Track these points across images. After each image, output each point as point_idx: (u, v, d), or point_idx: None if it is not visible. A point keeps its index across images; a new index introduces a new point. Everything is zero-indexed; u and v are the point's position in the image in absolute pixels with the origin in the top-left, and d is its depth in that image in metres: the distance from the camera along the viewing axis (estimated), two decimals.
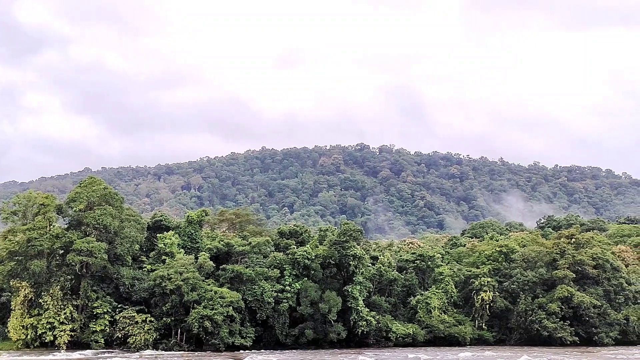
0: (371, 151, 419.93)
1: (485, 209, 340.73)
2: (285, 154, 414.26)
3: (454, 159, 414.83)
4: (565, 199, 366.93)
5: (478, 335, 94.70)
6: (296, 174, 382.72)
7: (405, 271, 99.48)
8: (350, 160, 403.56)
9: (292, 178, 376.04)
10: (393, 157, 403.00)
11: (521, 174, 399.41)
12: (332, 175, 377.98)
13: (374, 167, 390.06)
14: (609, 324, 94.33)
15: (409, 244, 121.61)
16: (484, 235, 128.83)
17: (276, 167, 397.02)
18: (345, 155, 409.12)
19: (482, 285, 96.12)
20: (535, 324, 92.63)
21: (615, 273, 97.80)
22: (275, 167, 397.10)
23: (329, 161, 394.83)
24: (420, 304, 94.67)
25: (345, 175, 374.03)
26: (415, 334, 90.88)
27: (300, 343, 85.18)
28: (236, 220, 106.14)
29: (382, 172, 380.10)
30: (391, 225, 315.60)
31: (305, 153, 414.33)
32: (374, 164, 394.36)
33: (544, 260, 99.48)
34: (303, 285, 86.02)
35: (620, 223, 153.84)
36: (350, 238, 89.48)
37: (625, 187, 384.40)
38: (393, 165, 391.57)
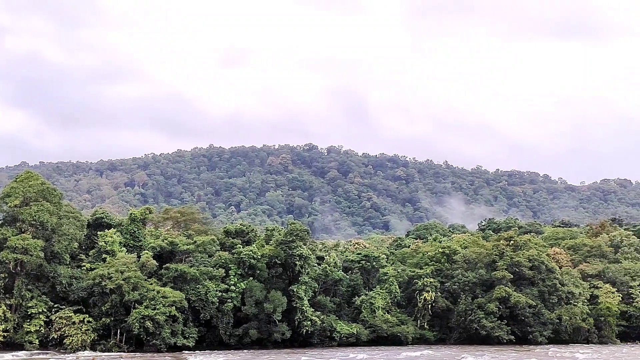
0: (319, 152, 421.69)
1: (430, 211, 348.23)
2: (233, 152, 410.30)
3: (401, 161, 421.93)
4: (505, 202, 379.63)
5: (420, 335, 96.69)
6: (244, 173, 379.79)
7: (350, 271, 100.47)
8: (298, 160, 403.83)
9: (239, 177, 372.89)
10: (341, 158, 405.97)
11: (464, 177, 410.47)
12: (280, 174, 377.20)
13: (322, 168, 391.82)
14: (542, 323, 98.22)
15: (354, 244, 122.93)
16: (428, 237, 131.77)
17: (223, 166, 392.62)
18: (293, 155, 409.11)
19: (424, 285, 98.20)
20: (474, 323, 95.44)
21: (550, 274, 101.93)
22: (223, 166, 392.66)
23: (277, 161, 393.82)
24: (364, 303, 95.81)
25: (293, 175, 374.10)
26: (359, 333, 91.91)
27: (244, 343, 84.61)
28: (181, 218, 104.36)
29: (330, 172, 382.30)
30: (338, 225, 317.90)
31: (253, 152, 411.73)
32: (322, 165, 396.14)
33: (484, 261, 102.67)
34: (248, 285, 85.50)
35: (555, 226, 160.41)
36: (297, 238, 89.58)
37: (560, 192, 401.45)
38: (341, 166, 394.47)
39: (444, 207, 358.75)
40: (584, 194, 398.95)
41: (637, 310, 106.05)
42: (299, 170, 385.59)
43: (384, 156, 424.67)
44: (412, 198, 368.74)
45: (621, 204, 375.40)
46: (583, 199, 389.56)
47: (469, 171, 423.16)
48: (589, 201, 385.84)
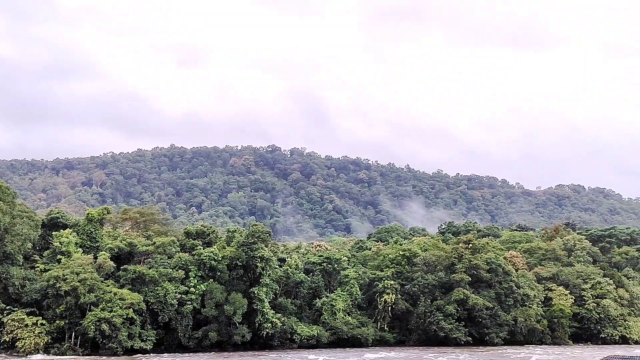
0: (282, 153, 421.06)
1: (391, 214, 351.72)
2: (194, 152, 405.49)
3: (363, 164, 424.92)
4: (464, 206, 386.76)
5: (380, 337, 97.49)
6: (206, 174, 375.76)
7: (312, 273, 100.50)
8: (261, 162, 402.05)
9: (201, 177, 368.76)
10: (304, 160, 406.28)
11: (425, 181, 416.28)
12: (242, 176, 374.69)
13: (284, 170, 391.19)
14: (499, 324, 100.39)
15: (316, 246, 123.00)
16: (389, 240, 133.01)
17: (185, 166, 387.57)
18: (256, 156, 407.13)
19: (385, 287, 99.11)
20: (433, 325, 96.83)
21: (506, 277, 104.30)
22: (184, 166, 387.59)
23: (240, 162, 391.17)
24: (325, 306, 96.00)
25: (256, 177, 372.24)
26: (320, 335, 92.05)
27: (203, 346, 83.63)
28: (141, 219, 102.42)
29: (292, 174, 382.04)
30: (300, 227, 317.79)
31: (215, 152, 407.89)
32: (284, 166, 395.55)
33: (443, 264, 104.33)
34: (208, 287, 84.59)
35: (512, 230, 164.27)
36: (259, 240, 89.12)
37: (517, 196, 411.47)
38: (304, 168, 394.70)
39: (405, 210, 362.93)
40: (540, 198, 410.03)
41: (588, 312, 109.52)
42: (262, 172, 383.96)
43: (346, 159, 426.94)
44: (374, 201, 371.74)
45: (575, 208, 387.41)
46: (539, 204, 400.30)
47: (429, 175, 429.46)
48: (544, 206, 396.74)
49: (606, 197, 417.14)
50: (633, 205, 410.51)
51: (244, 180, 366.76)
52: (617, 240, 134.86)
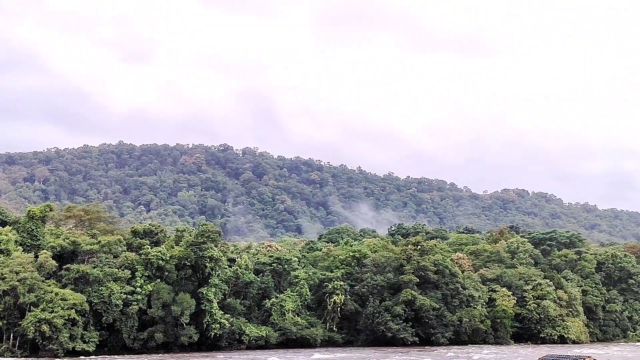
0: (234, 153, 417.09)
1: (342, 215, 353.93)
2: (144, 150, 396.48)
3: (315, 165, 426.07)
4: (414, 208, 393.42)
5: (328, 337, 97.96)
6: (155, 172, 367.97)
7: (262, 274, 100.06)
8: (212, 161, 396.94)
9: (150, 175, 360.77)
10: (256, 160, 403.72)
11: (376, 183, 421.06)
12: (193, 174, 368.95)
13: (236, 169, 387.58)
14: (445, 325, 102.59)
15: (267, 247, 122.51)
16: (340, 241, 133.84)
17: (134, 163, 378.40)
18: (207, 155, 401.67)
19: (334, 288, 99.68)
20: (381, 325, 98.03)
21: (453, 278, 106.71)
22: (133, 163, 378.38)
23: (191, 160, 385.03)
24: (274, 306, 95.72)
25: (207, 176, 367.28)
26: (269, 336, 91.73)
27: (148, 347, 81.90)
28: (85, 217, 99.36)
29: (244, 174, 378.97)
30: (251, 227, 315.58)
31: (165, 150, 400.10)
32: (236, 166, 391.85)
33: (392, 265, 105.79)
34: (155, 287, 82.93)
35: (460, 232, 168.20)
36: (208, 239, 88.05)
37: (465, 199, 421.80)
38: (256, 168, 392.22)
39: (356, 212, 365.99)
40: (486, 202, 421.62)
41: (529, 312, 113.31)
42: (213, 171, 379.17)
43: (299, 159, 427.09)
44: (325, 202, 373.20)
45: (519, 212, 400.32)
46: (485, 207, 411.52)
47: (381, 177, 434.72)
48: (490, 209, 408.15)
49: (548, 202, 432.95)
50: (572, 210, 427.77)
51: (194, 179, 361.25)
52: (557, 244, 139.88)
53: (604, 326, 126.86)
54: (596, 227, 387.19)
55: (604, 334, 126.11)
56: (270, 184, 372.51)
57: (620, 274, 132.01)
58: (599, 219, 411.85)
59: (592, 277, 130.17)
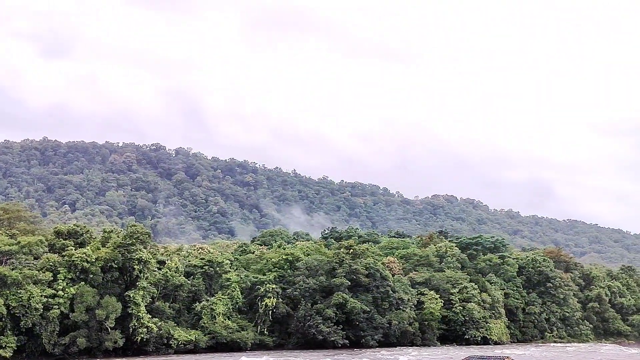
0: (167, 152, 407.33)
1: (276, 218, 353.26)
2: (70, 147, 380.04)
3: (250, 167, 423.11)
4: (347, 212, 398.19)
5: (259, 341, 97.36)
6: (82, 170, 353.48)
7: (192, 277, 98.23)
8: (143, 160, 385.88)
9: (76, 174, 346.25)
10: (189, 161, 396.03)
11: (311, 186, 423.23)
12: (122, 174, 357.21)
13: (168, 169, 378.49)
14: (374, 327, 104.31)
15: (198, 249, 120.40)
16: (273, 244, 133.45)
17: (59, 161, 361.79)
18: (138, 154, 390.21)
19: (266, 291, 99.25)
20: (312, 328, 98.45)
21: (383, 281, 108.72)
22: (58, 161, 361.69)
23: (121, 159, 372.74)
24: (205, 309, 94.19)
25: (137, 175, 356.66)
26: (198, 340, 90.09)
27: (70, 352, 78.54)
28: (4, 216, 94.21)
29: (177, 174, 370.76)
30: (182, 229, 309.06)
31: (94, 148, 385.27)
32: (169, 166, 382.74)
33: (324, 268, 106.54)
34: (79, 290, 79.64)
35: (391, 237, 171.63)
36: (137, 241, 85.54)
37: (397, 204, 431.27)
38: (189, 168, 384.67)
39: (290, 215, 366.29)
40: (417, 207, 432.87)
41: (455, 315, 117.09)
42: (144, 171, 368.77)
43: (233, 161, 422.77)
44: (259, 204, 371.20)
45: (448, 217, 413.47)
46: (416, 212, 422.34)
47: (315, 181, 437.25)
48: (421, 214, 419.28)
49: (475, 208, 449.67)
50: (497, 216, 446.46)
51: (124, 178, 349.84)
52: (482, 248, 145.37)
53: (523, 327, 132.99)
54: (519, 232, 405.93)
55: (524, 334, 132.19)
56: (203, 185, 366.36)
57: (540, 278, 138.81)
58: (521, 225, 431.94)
59: (514, 280, 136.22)
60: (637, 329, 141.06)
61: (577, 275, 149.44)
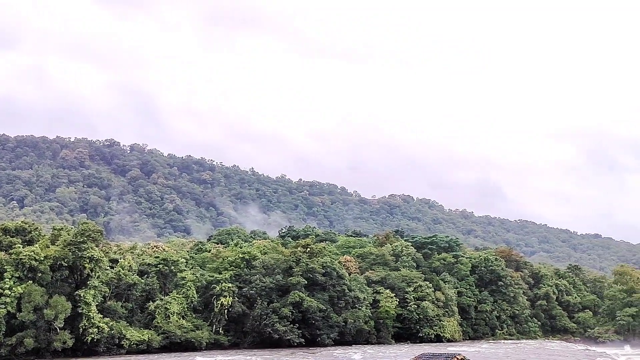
0: (121, 149, 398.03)
1: (233, 217, 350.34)
2: (19, 141, 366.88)
3: (207, 165, 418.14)
4: (305, 211, 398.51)
5: (214, 340, 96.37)
6: (31, 165, 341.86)
7: (146, 275, 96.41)
8: (97, 156, 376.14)
9: (25, 169, 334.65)
10: (144, 157, 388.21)
11: (269, 185, 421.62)
12: (74, 170, 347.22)
13: (123, 166, 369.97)
14: (330, 326, 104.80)
15: (153, 247, 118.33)
16: (229, 242, 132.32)
17: (6, 156, 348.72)
18: (92, 150, 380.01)
19: (222, 290, 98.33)
20: (268, 327, 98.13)
21: (340, 280, 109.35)
22: (6, 155, 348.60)
23: (73, 155, 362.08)
24: (159, 309, 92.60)
25: (90, 171, 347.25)
26: (151, 340, 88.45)
27: (17, 354, 75.87)
28: None
29: (131, 171, 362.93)
30: (137, 227, 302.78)
31: (44, 143, 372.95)
32: (123, 162, 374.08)
33: (281, 267, 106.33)
34: (26, 289, 76.98)
35: (348, 236, 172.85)
36: (89, 239, 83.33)
37: (354, 203, 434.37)
38: (144, 165, 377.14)
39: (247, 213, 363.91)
40: (374, 207, 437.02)
41: (410, 313, 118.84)
42: (97, 167, 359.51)
43: (190, 158, 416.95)
44: (216, 203, 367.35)
45: (404, 217, 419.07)
46: (373, 212, 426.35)
47: (273, 179, 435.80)
48: (378, 213, 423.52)
49: (430, 208, 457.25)
50: (452, 216, 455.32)
51: (76, 174, 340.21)
52: (437, 248, 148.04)
53: (475, 325, 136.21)
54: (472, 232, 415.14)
55: (475, 332, 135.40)
56: (159, 182, 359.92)
57: (491, 277, 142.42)
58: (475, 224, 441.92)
59: (467, 279, 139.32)
60: (582, 326, 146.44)
61: (527, 274, 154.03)
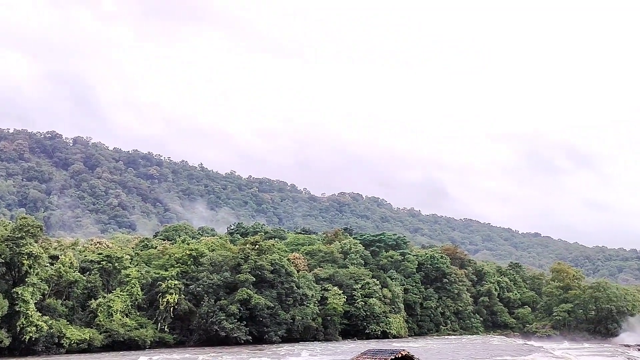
0: (63, 141, 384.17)
1: (181, 213, 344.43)
2: None
3: (155, 159, 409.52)
4: (254, 208, 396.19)
5: (159, 338, 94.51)
6: None
7: (89, 272, 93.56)
8: (37, 149, 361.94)
9: None
10: (88, 151, 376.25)
11: (218, 181, 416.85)
12: (13, 162, 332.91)
13: (65, 159, 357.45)
14: (278, 323, 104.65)
15: (96, 243, 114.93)
16: (177, 239, 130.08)
17: None
18: (32, 142, 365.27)
19: (168, 287, 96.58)
20: (215, 325, 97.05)
21: (288, 277, 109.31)
22: None
23: (11, 147, 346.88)
24: (101, 307, 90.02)
25: (30, 164, 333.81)
26: (93, 339, 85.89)
27: None
28: None
29: (74, 165, 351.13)
30: (79, 222, 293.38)
31: None
32: (65, 156, 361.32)
33: (229, 264, 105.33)
34: None
35: (297, 233, 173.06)
36: (27, 234, 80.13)
37: (304, 201, 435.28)
38: (88, 159, 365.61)
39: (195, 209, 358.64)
40: (324, 204, 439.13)
41: (357, 310, 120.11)
42: (38, 160, 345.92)
43: (137, 153, 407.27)
44: (164, 198, 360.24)
45: (353, 215, 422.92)
46: (322, 209, 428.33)
47: (222, 175, 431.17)
48: (327, 211, 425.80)
49: (379, 206, 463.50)
50: (400, 214, 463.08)
51: (14, 167, 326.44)
52: (385, 245, 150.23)
53: (420, 321, 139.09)
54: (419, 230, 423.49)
55: (420, 328, 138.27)
56: (103, 176, 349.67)
57: (437, 274, 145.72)
58: (422, 223, 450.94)
59: (413, 276, 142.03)
60: (522, 322, 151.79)
61: (471, 272, 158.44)
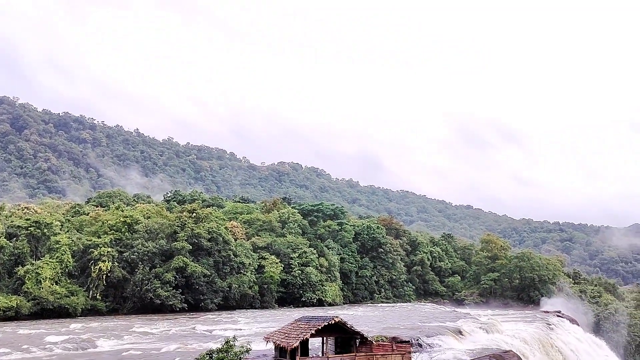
0: None
1: (115, 179, 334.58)
2: None
3: (88, 123, 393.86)
4: (192, 175, 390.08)
5: (91, 306, 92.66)
6: None
7: (15, 238, 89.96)
8: None
9: None
10: (16, 112, 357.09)
11: (155, 147, 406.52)
12: None
13: None
14: (214, 291, 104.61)
15: (24, 208, 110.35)
16: (110, 205, 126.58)
17: None
18: None
19: (101, 255, 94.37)
20: (149, 292, 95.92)
21: (226, 246, 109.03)
22: None
23: None
24: (29, 274, 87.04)
25: None
26: (20, 306, 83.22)
27: None
28: None
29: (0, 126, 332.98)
30: (5, 186, 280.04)
31: None
32: None
33: (165, 232, 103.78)
34: None
35: (236, 202, 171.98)
36: None
37: (243, 169, 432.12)
38: (15, 120, 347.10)
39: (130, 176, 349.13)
40: (263, 173, 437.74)
41: (294, 278, 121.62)
42: None
43: (69, 116, 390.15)
44: (96, 164, 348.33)
45: (292, 184, 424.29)
46: (262, 178, 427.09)
47: (159, 142, 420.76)
48: (266, 180, 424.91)
49: (319, 177, 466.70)
50: (339, 184, 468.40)
51: None
52: (323, 215, 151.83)
53: (355, 289, 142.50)
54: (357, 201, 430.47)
55: (355, 296, 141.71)
56: (32, 139, 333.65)
57: (373, 244, 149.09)
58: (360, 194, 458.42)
59: (350, 246, 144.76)
60: (451, 290, 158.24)
61: (405, 242, 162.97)
